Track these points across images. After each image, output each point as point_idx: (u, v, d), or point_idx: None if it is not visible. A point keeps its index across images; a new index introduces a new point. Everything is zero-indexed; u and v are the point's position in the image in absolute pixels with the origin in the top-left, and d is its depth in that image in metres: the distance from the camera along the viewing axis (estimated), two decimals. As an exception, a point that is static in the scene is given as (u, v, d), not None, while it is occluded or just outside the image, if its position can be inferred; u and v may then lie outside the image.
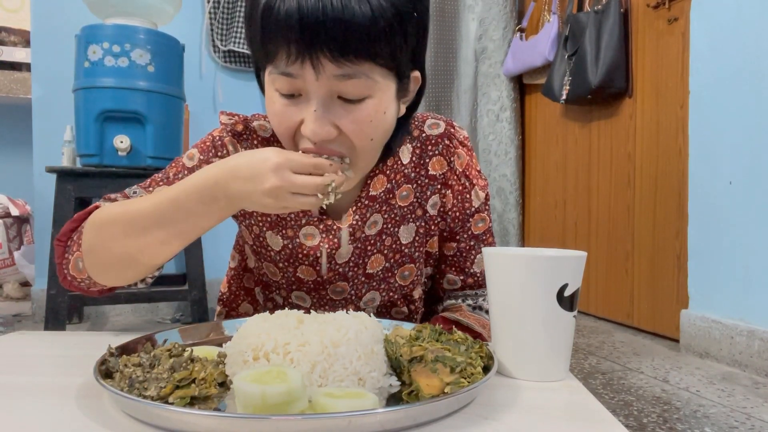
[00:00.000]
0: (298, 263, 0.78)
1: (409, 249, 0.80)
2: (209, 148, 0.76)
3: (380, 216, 0.77)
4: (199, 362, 0.49)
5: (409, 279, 0.81)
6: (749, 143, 1.74)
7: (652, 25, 2.23)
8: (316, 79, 0.60)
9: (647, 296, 2.24)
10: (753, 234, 1.72)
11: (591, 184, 2.58)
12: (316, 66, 0.59)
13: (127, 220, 0.64)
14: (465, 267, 0.83)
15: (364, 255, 0.78)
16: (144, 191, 0.74)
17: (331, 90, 0.61)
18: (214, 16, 2.71)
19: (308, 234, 0.76)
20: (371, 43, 0.58)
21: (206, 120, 2.70)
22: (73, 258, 0.69)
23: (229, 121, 0.78)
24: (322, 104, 0.61)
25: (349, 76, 0.60)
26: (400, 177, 0.78)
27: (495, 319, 0.60)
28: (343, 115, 0.62)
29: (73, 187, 1.96)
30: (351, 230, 0.76)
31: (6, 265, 2.94)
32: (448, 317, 0.79)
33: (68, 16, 2.40)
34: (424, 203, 0.80)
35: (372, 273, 0.79)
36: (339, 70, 0.59)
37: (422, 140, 0.79)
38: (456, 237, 0.82)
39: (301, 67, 0.59)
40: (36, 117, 2.43)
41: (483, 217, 0.82)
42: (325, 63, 0.58)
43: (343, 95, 0.62)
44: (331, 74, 0.59)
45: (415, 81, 0.71)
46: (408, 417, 0.44)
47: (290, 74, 0.60)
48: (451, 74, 3.09)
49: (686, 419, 1.35)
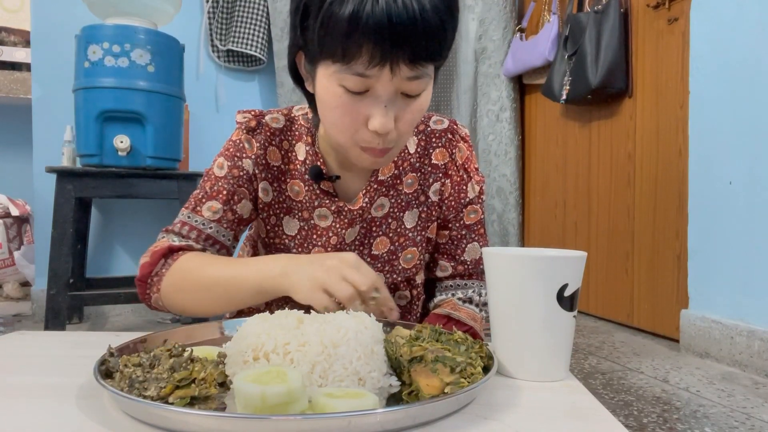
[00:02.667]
0: (312, 245, 0.83)
1: (413, 233, 0.85)
2: (233, 155, 0.82)
3: (387, 200, 0.84)
4: (199, 362, 0.49)
5: (411, 262, 0.86)
6: (749, 143, 1.74)
7: (652, 25, 2.23)
8: (390, 80, 0.65)
9: (647, 296, 2.24)
10: (753, 234, 1.72)
11: (591, 184, 2.58)
12: (394, 69, 0.64)
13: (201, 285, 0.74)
14: (456, 254, 0.88)
15: (370, 236, 0.84)
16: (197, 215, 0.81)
17: (399, 88, 0.67)
18: (214, 16, 2.71)
19: (322, 215, 0.83)
20: (441, 47, 0.66)
21: (206, 120, 2.70)
22: (153, 296, 0.79)
23: (243, 119, 0.83)
24: (391, 101, 0.67)
25: (418, 77, 0.66)
26: (406, 165, 0.84)
27: (495, 319, 0.60)
28: (403, 108, 0.68)
29: (73, 187, 1.96)
30: (360, 211, 0.82)
31: (6, 265, 2.94)
32: (439, 313, 0.83)
33: (68, 16, 2.40)
34: (426, 190, 0.86)
35: (377, 254, 0.84)
36: (412, 72, 0.65)
37: (427, 133, 0.86)
38: (449, 225, 0.87)
39: (379, 70, 0.64)
40: (36, 117, 2.43)
41: (476, 209, 0.88)
42: (403, 67, 0.64)
43: (407, 92, 0.67)
44: (404, 76, 0.65)
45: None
46: (408, 417, 0.44)
47: (367, 75, 0.64)
48: (451, 74, 3.09)
49: (686, 419, 1.35)
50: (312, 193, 0.82)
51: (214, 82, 2.75)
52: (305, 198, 0.82)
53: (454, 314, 0.81)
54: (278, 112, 0.84)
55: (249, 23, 2.72)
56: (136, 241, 2.59)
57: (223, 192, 0.80)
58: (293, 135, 0.84)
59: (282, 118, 0.84)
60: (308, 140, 0.82)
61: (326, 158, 0.82)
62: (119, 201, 2.56)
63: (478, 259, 0.88)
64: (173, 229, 0.80)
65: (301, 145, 0.83)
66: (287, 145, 0.83)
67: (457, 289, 0.88)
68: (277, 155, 0.83)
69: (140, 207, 2.58)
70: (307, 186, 0.82)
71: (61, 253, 1.95)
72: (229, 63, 2.76)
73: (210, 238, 0.80)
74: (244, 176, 0.81)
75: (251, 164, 0.81)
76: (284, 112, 0.85)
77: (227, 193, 0.80)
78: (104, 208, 2.56)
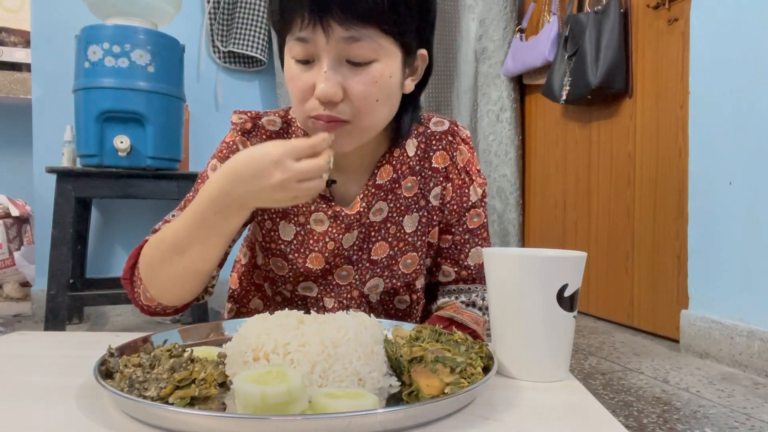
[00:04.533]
0: (309, 251, 0.81)
1: (413, 238, 0.84)
2: (225, 156, 0.80)
3: (385, 204, 0.81)
4: (199, 363, 0.49)
5: (411, 267, 0.84)
6: (749, 143, 1.74)
7: (652, 26, 2.23)
8: (327, 43, 0.65)
9: (647, 296, 2.24)
10: (753, 234, 1.72)
11: (591, 184, 2.58)
12: (327, 29, 0.64)
13: (167, 246, 0.70)
14: (459, 259, 0.86)
15: (368, 241, 0.82)
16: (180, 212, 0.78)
17: (340, 54, 0.66)
18: (214, 16, 2.71)
19: (318, 220, 0.81)
20: (376, 7, 0.64)
21: (206, 120, 2.70)
22: (141, 290, 0.75)
23: (239, 120, 0.81)
24: (332, 66, 0.66)
25: (356, 39, 0.65)
26: (405, 168, 0.82)
27: (495, 319, 0.60)
28: (350, 76, 0.67)
29: (73, 187, 1.96)
30: (357, 216, 0.80)
31: (6, 265, 2.94)
32: (442, 315, 0.81)
33: (68, 16, 2.40)
34: (427, 194, 0.84)
35: (376, 260, 0.83)
36: (346, 32, 0.64)
37: (427, 135, 0.84)
38: (452, 230, 0.86)
39: (313, 31, 0.65)
40: (36, 117, 2.43)
41: (479, 212, 0.86)
42: (334, 26, 0.64)
43: (351, 59, 0.66)
44: (339, 37, 0.64)
45: (422, 59, 0.75)
46: (408, 417, 0.44)
47: (304, 39, 0.66)
48: (452, 74, 3.09)
49: (686, 420, 1.35)
50: None
51: (215, 83, 2.75)
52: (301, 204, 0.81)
53: (457, 317, 0.80)
54: (275, 114, 0.83)
55: (249, 24, 2.72)
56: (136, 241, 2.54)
57: None
58: (289, 138, 0.82)
59: (278, 120, 0.83)
60: None
61: None
62: (119, 201, 2.56)
63: (481, 264, 0.86)
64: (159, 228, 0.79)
65: None
66: None
67: (460, 293, 0.86)
68: None
69: (140, 207, 2.58)
70: None
71: (61, 254, 1.94)
72: (229, 64, 2.76)
73: None
74: None
75: None
76: (281, 114, 0.84)
77: None
78: (104, 209, 2.56)
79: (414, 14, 0.69)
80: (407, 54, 0.71)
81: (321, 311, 0.84)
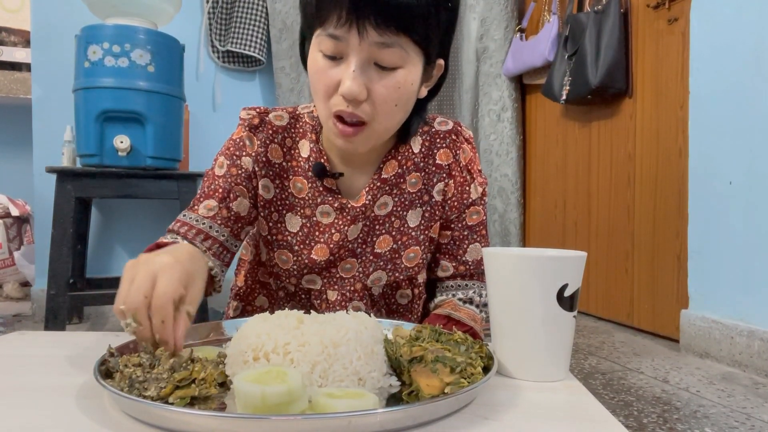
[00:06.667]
0: (314, 242, 0.83)
1: (416, 232, 0.86)
2: (233, 153, 0.82)
3: (390, 198, 0.84)
4: (199, 362, 0.49)
5: (414, 261, 0.86)
6: (749, 143, 1.74)
7: (652, 26, 2.23)
8: (359, 44, 0.67)
9: (647, 296, 2.24)
10: (753, 234, 1.72)
11: (591, 184, 2.58)
12: (361, 31, 0.66)
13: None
14: (457, 255, 0.88)
15: (373, 233, 0.84)
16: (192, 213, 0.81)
17: (370, 56, 0.68)
18: (213, 16, 2.71)
19: (324, 212, 0.83)
20: (410, 18, 0.67)
21: (206, 120, 2.70)
22: None
23: (247, 116, 0.83)
24: (360, 67, 0.68)
25: (387, 45, 0.67)
26: (410, 164, 0.85)
27: (495, 319, 0.60)
28: (375, 79, 0.69)
29: (73, 187, 1.96)
30: (363, 209, 0.82)
31: (6, 265, 2.94)
32: (440, 313, 0.83)
33: (68, 16, 2.40)
34: (430, 189, 0.86)
35: (380, 252, 0.85)
36: (380, 38, 0.66)
37: (431, 134, 0.87)
38: (451, 226, 0.88)
39: (347, 30, 0.67)
40: (36, 117, 2.43)
41: (478, 210, 0.88)
42: (370, 30, 0.66)
43: (379, 62, 0.69)
44: (372, 41, 0.67)
45: (439, 68, 0.79)
46: (408, 417, 0.44)
47: (337, 36, 0.68)
48: (453, 74, 3.08)
49: (686, 419, 1.35)
50: (315, 190, 0.83)
51: (214, 83, 2.75)
52: (308, 195, 0.83)
53: (454, 314, 0.81)
54: (283, 110, 0.85)
55: (248, 24, 2.72)
56: (136, 241, 2.58)
57: (219, 190, 0.81)
58: (297, 132, 0.84)
59: (286, 115, 0.85)
60: (312, 137, 0.83)
61: (330, 155, 0.83)
62: (119, 201, 2.56)
63: (479, 260, 0.88)
64: (172, 228, 0.81)
65: (305, 143, 0.83)
66: (290, 142, 0.84)
67: (457, 289, 0.88)
68: (279, 153, 0.83)
69: (140, 207, 2.58)
70: (310, 183, 0.83)
71: (61, 253, 1.94)
72: (228, 63, 2.76)
73: (201, 233, 0.79)
74: (243, 174, 0.82)
75: (251, 162, 0.82)
76: (289, 110, 0.86)
77: (223, 191, 0.81)
78: (104, 208, 2.56)
79: (442, 28, 0.72)
80: (428, 63, 0.74)
81: (324, 304, 0.85)
